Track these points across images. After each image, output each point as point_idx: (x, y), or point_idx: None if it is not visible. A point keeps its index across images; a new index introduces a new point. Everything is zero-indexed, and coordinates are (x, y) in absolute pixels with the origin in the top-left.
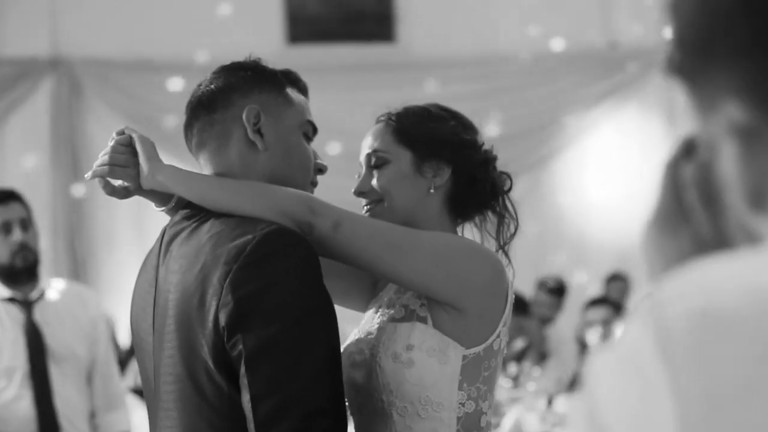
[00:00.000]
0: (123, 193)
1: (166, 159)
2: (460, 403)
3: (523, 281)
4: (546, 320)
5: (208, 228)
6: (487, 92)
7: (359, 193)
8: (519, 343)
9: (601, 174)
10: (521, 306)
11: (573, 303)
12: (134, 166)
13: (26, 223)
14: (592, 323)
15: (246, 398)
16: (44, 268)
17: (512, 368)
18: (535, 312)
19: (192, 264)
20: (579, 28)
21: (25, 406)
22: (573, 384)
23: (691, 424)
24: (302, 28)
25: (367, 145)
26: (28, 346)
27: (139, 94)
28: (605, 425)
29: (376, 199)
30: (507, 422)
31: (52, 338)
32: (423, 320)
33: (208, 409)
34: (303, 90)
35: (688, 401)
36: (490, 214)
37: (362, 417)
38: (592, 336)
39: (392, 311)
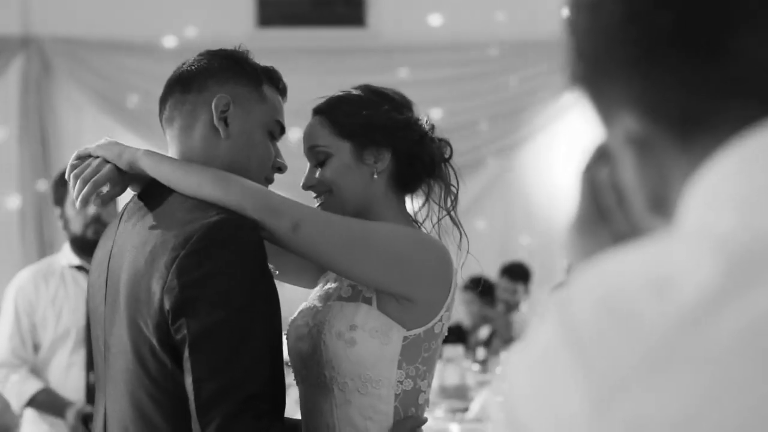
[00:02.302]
0: (109, 197)
1: (132, 138)
2: (398, 381)
3: (490, 266)
4: (511, 306)
5: (162, 210)
6: (457, 78)
7: (307, 187)
8: (484, 331)
9: (571, 160)
10: (487, 294)
11: (539, 289)
12: (102, 165)
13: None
14: None
15: (189, 381)
16: (13, 245)
17: (480, 353)
18: (499, 297)
19: (144, 245)
20: (550, 15)
21: (76, 373)
22: None
23: (601, 409)
24: (272, 11)
25: (306, 140)
26: (87, 314)
27: (109, 74)
28: (520, 423)
29: (324, 191)
30: (475, 406)
31: None
32: (368, 301)
33: (150, 385)
34: (282, 91)
35: (598, 387)
36: (432, 184)
37: (306, 387)
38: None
39: (340, 288)
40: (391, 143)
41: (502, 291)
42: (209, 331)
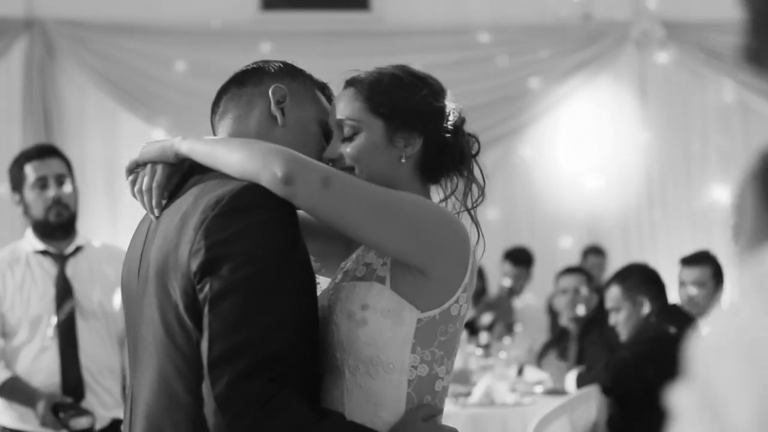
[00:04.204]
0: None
1: (134, 120)
2: (412, 366)
3: (492, 252)
4: (513, 290)
5: (194, 182)
6: (461, 62)
7: (328, 159)
8: (487, 316)
9: (573, 145)
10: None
11: (542, 273)
12: (155, 168)
13: (63, 179)
14: (564, 291)
15: (204, 337)
16: (16, 226)
17: (483, 337)
18: (501, 283)
19: (176, 212)
20: (554, 0)
21: (50, 357)
22: (542, 355)
23: None
24: None
25: (337, 111)
26: (56, 298)
27: (112, 56)
28: (725, 414)
29: (346, 168)
30: (478, 390)
31: (81, 293)
32: (381, 280)
33: (176, 354)
34: (329, 100)
35: None
36: (456, 178)
37: (320, 371)
38: (561, 303)
39: (355, 269)
40: (424, 129)
41: (504, 276)
42: (230, 289)
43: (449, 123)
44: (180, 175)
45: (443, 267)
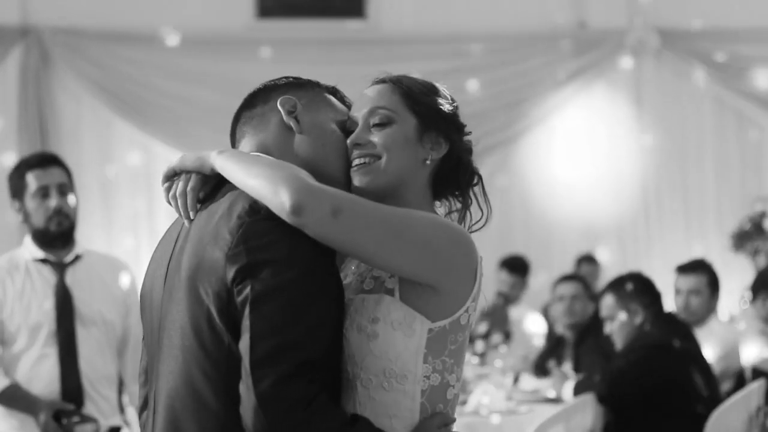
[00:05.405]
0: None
1: (130, 128)
2: (425, 376)
3: (487, 260)
4: (509, 298)
5: (228, 188)
6: (456, 70)
7: (355, 144)
8: (483, 325)
9: (568, 153)
10: None
11: (537, 282)
12: (189, 176)
13: (64, 189)
14: (560, 298)
15: (246, 337)
16: (12, 237)
17: (479, 346)
18: (497, 291)
19: (210, 218)
20: (548, 8)
21: (49, 365)
22: (540, 363)
23: None
24: (272, 2)
25: (368, 100)
26: (56, 306)
27: (107, 64)
28: None
29: (372, 154)
30: (473, 399)
31: (80, 301)
32: (390, 292)
33: (205, 359)
34: (342, 102)
35: None
36: (453, 199)
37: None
38: (557, 311)
39: (362, 281)
40: (450, 138)
41: (500, 284)
42: (273, 290)
43: (470, 142)
44: (214, 182)
45: (452, 282)
